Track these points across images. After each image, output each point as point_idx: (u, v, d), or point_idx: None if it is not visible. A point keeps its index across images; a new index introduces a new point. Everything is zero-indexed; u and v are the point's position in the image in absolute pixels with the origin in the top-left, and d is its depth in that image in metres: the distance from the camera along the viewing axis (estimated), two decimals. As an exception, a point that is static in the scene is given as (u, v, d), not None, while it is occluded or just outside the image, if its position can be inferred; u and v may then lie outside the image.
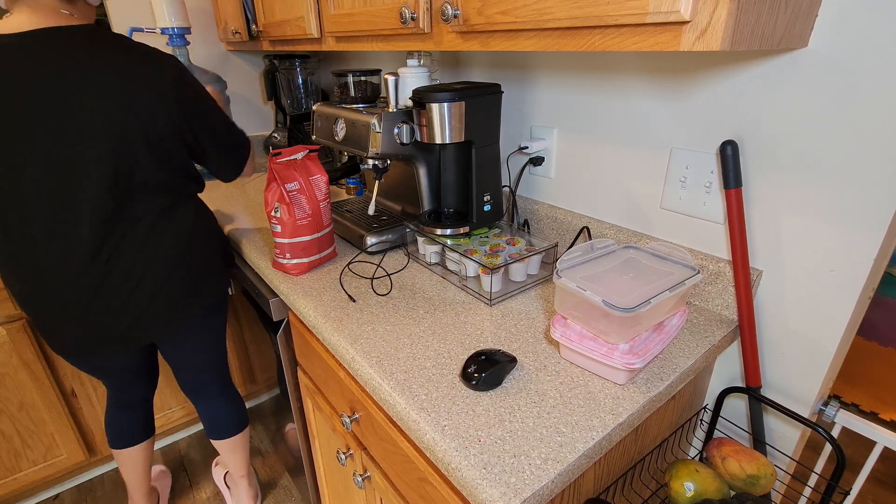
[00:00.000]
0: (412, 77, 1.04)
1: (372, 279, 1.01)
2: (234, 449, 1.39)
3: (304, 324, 0.99)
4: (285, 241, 1.01)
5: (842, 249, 0.72)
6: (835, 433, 0.79)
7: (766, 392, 0.87)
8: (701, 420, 0.94)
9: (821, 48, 0.67)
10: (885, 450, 0.83)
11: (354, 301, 0.93)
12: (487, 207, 1.08)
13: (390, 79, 1.01)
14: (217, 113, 1.03)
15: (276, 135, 1.92)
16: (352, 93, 1.18)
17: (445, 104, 0.93)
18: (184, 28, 1.60)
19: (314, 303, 0.93)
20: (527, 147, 1.11)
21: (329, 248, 1.09)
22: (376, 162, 1.07)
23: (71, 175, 0.87)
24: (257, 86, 2.05)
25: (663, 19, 0.51)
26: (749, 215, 0.81)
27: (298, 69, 1.85)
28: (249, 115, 2.07)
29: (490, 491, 0.54)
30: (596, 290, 0.69)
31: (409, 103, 0.99)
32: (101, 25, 0.86)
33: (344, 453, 0.96)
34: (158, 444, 1.87)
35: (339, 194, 1.58)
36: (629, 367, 0.66)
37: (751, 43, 0.54)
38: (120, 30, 1.69)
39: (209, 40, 1.87)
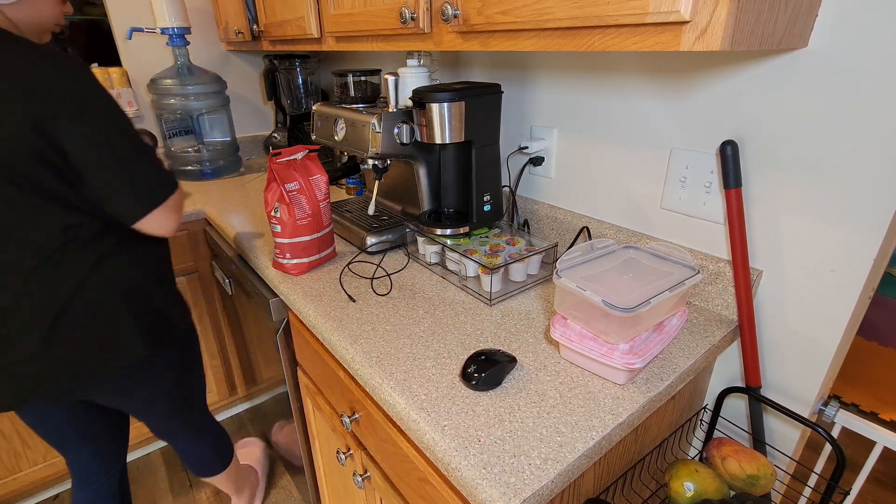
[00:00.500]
0: (412, 77, 1.04)
1: (372, 279, 1.01)
2: (221, 481, 1.36)
3: (304, 324, 0.99)
4: (285, 241, 1.01)
5: (842, 249, 0.72)
6: (835, 433, 0.79)
7: (766, 392, 0.87)
8: (701, 420, 0.94)
9: (821, 48, 0.67)
10: (885, 450, 0.83)
11: (354, 301, 0.93)
12: (487, 207, 1.08)
13: (390, 79, 1.01)
14: (114, 127, 0.81)
15: (276, 135, 1.92)
16: (352, 93, 1.18)
17: (445, 104, 0.93)
18: (184, 28, 1.60)
19: (314, 303, 0.93)
20: (527, 147, 1.11)
21: (329, 248, 1.09)
22: (376, 162, 1.07)
23: None
24: (257, 86, 2.05)
25: (663, 19, 0.51)
26: (749, 215, 0.81)
27: (298, 69, 1.85)
28: (249, 116, 2.07)
29: (490, 491, 0.54)
30: (596, 290, 0.69)
31: (409, 103, 0.99)
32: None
33: (344, 453, 0.96)
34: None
35: (339, 194, 1.58)
36: (629, 367, 0.66)
37: (751, 43, 0.54)
38: (120, 30, 1.69)
39: (209, 40, 1.88)
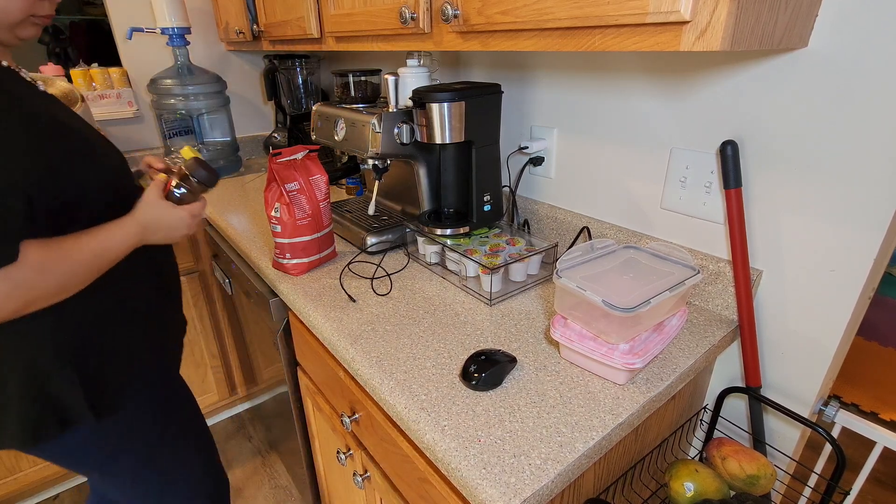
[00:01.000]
0: (412, 77, 1.04)
1: (372, 279, 1.01)
2: None
3: (304, 324, 0.99)
4: (285, 241, 1.01)
5: (842, 249, 0.72)
6: (835, 433, 0.79)
7: (766, 392, 0.87)
8: (701, 420, 0.94)
9: (821, 48, 0.67)
10: (885, 450, 0.83)
11: (354, 301, 0.93)
12: (487, 207, 1.08)
13: (390, 79, 1.01)
14: None
15: (276, 135, 1.92)
16: (352, 93, 1.18)
17: (445, 104, 0.93)
18: (184, 28, 1.60)
19: (314, 303, 0.93)
20: (527, 147, 1.11)
21: (329, 248, 1.09)
22: (376, 162, 1.07)
23: None
24: (257, 86, 2.05)
25: (663, 19, 0.51)
26: (749, 215, 0.81)
27: (298, 69, 1.85)
28: (249, 116, 2.07)
29: (490, 491, 0.54)
30: (596, 290, 0.69)
31: (409, 103, 0.99)
32: None
33: (344, 453, 0.96)
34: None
35: (339, 194, 1.58)
36: (629, 367, 0.66)
37: (751, 43, 0.54)
38: (120, 30, 1.69)
39: (209, 40, 1.87)
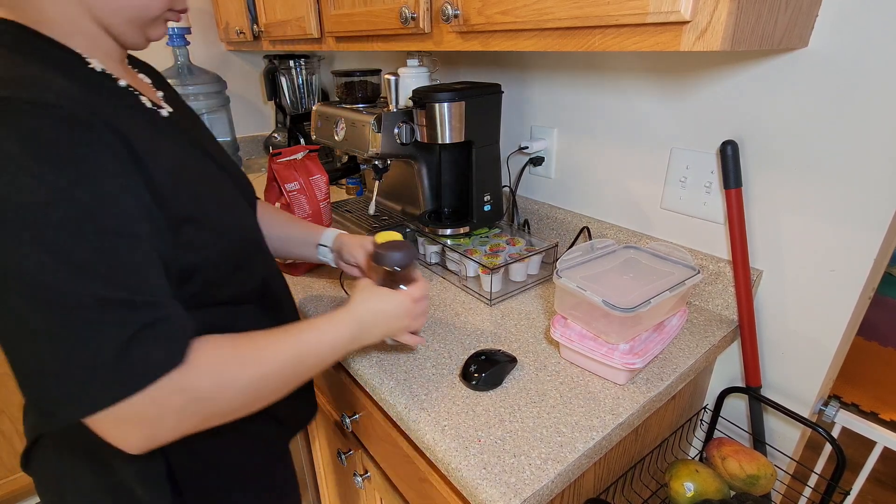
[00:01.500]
0: (412, 77, 1.04)
1: (372, 279, 1.01)
2: None
3: (304, 324, 0.99)
4: (285, 241, 1.01)
5: (842, 249, 0.72)
6: (835, 433, 0.79)
7: (766, 392, 0.87)
8: (701, 420, 0.94)
9: (821, 48, 0.67)
10: (885, 450, 0.83)
11: (354, 301, 0.93)
12: (487, 207, 1.08)
13: (390, 79, 1.01)
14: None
15: (276, 135, 1.92)
16: (352, 93, 1.18)
17: (445, 104, 0.93)
18: (184, 28, 1.60)
19: (314, 303, 0.92)
20: (527, 147, 1.11)
21: (329, 248, 1.09)
22: (376, 162, 1.07)
23: None
24: (257, 86, 2.05)
25: (663, 19, 0.51)
26: (749, 215, 0.81)
27: (298, 69, 1.85)
28: (249, 116, 2.07)
29: (490, 491, 0.54)
30: (596, 290, 0.69)
31: (409, 103, 0.99)
32: (6, 26, 0.46)
33: (344, 453, 0.96)
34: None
35: (339, 194, 1.58)
36: (629, 367, 0.66)
37: (751, 43, 0.54)
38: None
39: (209, 40, 1.87)
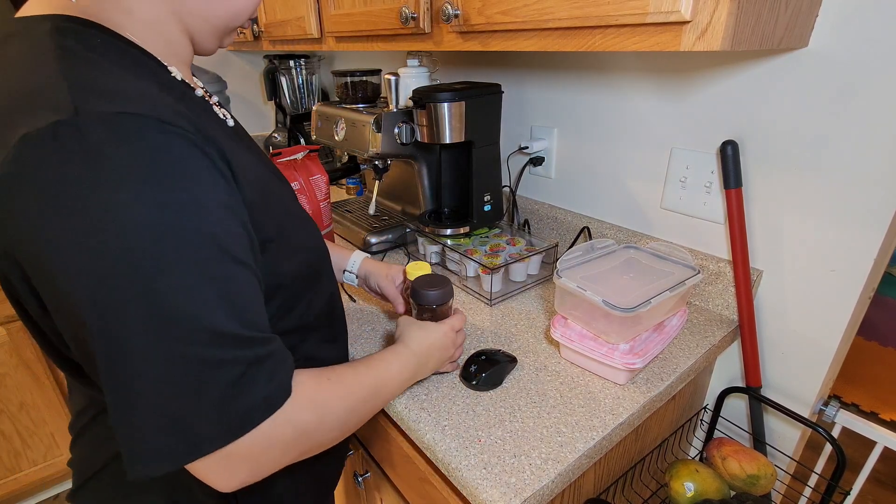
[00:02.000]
0: (412, 77, 1.04)
1: (372, 279, 1.01)
2: None
3: (304, 324, 0.99)
4: (285, 241, 1.01)
5: (842, 249, 0.72)
6: (835, 433, 0.79)
7: (767, 392, 0.87)
8: (701, 420, 0.94)
9: (821, 48, 0.67)
10: (885, 450, 0.83)
11: (354, 301, 0.93)
12: (487, 207, 1.08)
13: (390, 79, 1.01)
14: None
15: (276, 135, 1.92)
16: (352, 93, 1.18)
17: (445, 104, 0.93)
18: (184, 28, 1.60)
19: (314, 303, 0.92)
20: (527, 147, 1.11)
21: (329, 248, 1.09)
22: (376, 162, 1.07)
23: None
24: (257, 86, 2.05)
25: (664, 19, 0.51)
26: (749, 215, 0.81)
27: (298, 69, 1.85)
28: (249, 116, 2.06)
29: (490, 491, 0.54)
30: (596, 290, 0.69)
31: (410, 103, 0.99)
32: (96, 30, 0.43)
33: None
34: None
35: (339, 194, 1.58)
36: (629, 367, 0.66)
37: (751, 43, 0.54)
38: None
39: (209, 40, 1.87)
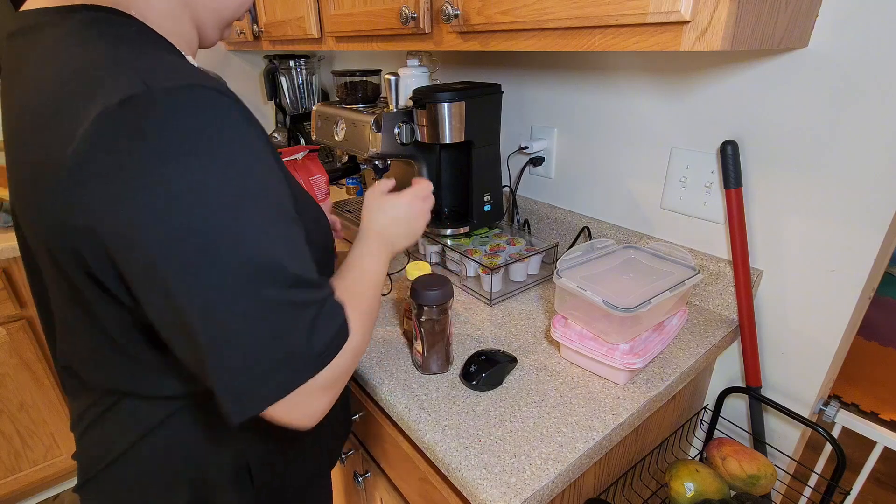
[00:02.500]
0: (412, 77, 1.04)
1: (372, 279, 1.01)
2: None
3: (304, 324, 0.98)
4: (285, 241, 1.01)
5: (842, 249, 0.72)
6: (835, 433, 0.79)
7: (767, 392, 0.87)
8: (701, 420, 0.94)
9: (821, 49, 0.67)
10: (886, 450, 0.83)
11: (354, 301, 0.93)
12: (487, 207, 1.08)
13: (390, 79, 1.01)
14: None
15: (276, 135, 1.92)
16: (352, 93, 1.18)
17: (445, 104, 0.93)
18: (184, 28, 1.60)
19: (314, 303, 0.92)
20: (527, 147, 1.11)
21: (329, 248, 1.09)
22: (376, 162, 1.07)
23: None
24: (257, 86, 2.05)
25: (664, 19, 0.51)
26: (749, 215, 0.81)
27: (298, 69, 1.85)
28: (249, 115, 2.07)
29: (490, 491, 0.54)
30: (596, 291, 0.69)
31: (410, 103, 0.99)
32: (128, 19, 0.45)
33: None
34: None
35: (339, 194, 1.58)
36: (629, 367, 0.66)
37: (751, 43, 0.54)
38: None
39: (209, 40, 1.87)
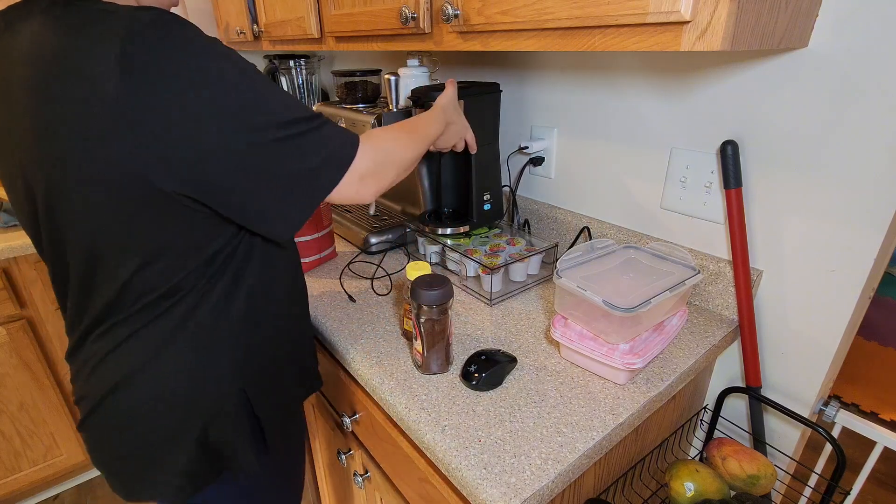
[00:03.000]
0: (412, 77, 1.04)
1: (372, 279, 1.01)
2: None
3: (304, 324, 0.99)
4: (285, 241, 1.01)
5: (842, 249, 0.72)
6: (835, 433, 0.79)
7: (767, 392, 0.87)
8: (701, 420, 0.94)
9: (821, 48, 0.67)
10: (885, 450, 0.83)
11: (354, 301, 0.93)
12: (487, 207, 1.08)
13: (390, 79, 1.01)
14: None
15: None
16: (352, 93, 1.18)
17: (445, 104, 0.93)
18: (184, 28, 1.60)
19: (314, 303, 0.92)
20: (527, 147, 1.11)
21: (329, 248, 1.09)
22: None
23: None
24: (257, 86, 2.05)
25: (664, 19, 0.51)
26: (749, 215, 0.81)
27: (298, 69, 1.85)
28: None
29: (490, 491, 0.54)
30: (596, 290, 0.69)
31: (409, 103, 0.99)
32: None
33: (344, 453, 0.96)
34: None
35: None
36: (629, 367, 0.66)
37: (751, 43, 0.54)
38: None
39: (209, 40, 1.87)
